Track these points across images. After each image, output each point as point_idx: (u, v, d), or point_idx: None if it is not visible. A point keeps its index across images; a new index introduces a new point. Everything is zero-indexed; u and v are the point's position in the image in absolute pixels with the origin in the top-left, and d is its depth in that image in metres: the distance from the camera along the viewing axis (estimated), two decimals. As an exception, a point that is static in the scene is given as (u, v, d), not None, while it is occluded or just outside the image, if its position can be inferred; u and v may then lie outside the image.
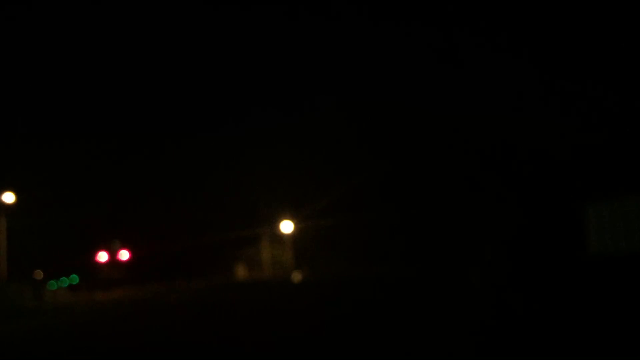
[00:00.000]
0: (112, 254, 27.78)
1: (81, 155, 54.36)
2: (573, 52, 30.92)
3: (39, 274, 45.27)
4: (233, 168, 51.15)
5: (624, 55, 28.40)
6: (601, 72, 29.06)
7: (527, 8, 34.39)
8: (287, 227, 47.58)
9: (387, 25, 49.97)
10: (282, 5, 60.51)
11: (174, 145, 56.39)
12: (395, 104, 39.51)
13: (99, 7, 65.19)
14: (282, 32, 62.98)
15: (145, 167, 55.32)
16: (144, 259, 29.42)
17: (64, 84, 71.74)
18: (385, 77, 47.70)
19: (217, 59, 67.98)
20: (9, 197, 33.73)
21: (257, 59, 65.41)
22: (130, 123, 67.56)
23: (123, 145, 57.57)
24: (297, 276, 38.29)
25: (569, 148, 28.29)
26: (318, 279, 33.86)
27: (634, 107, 26.92)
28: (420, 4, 43.99)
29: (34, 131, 57.89)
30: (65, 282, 33.97)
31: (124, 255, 27.40)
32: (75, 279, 30.48)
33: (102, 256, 27.75)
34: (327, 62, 60.62)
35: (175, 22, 65.71)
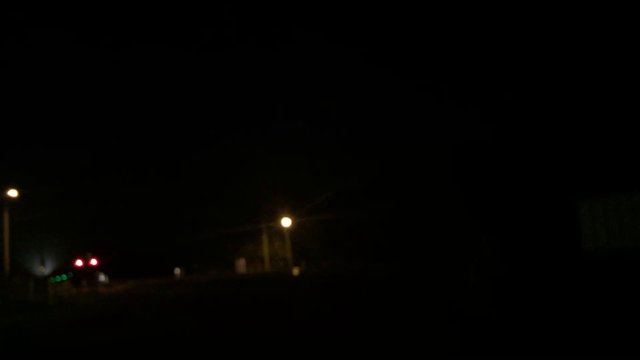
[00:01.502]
0: (86, 261, 40.01)
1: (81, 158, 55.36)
2: (574, 52, 31.10)
3: (42, 269, 45.95)
4: (235, 167, 51.58)
5: (621, 58, 28.57)
6: (601, 73, 29.21)
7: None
8: (286, 222, 47.85)
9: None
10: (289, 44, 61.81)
11: (178, 149, 57.16)
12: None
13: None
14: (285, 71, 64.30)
15: (147, 169, 55.98)
16: (106, 263, 42.76)
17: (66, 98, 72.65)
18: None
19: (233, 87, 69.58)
20: (12, 193, 34.07)
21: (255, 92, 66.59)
22: (131, 128, 68.32)
23: (122, 145, 58.22)
24: (295, 271, 38.50)
25: (564, 145, 28.46)
26: (315, 273, 33.98)
27: (628, 106, 27.10)
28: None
29: (38, 135, 58.59)
30: (58, 279, 39.63)
31: (93, 261, 39.83)
32: (64, 277, 39.39)
33: (79, 262, 40.07)
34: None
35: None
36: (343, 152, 42.55)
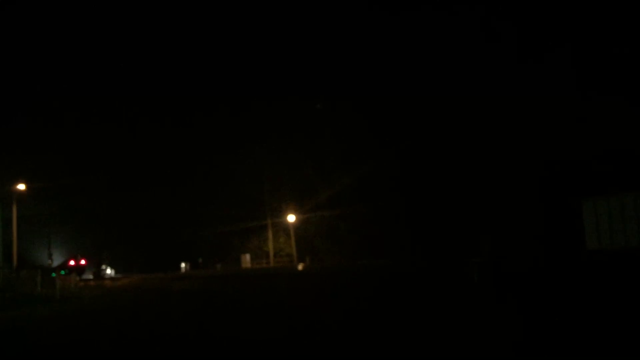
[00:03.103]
0: (77, 261, 49.97)
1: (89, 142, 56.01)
2: (579, 56, 30.94)
3: (50, 262, 46.66)
4: (238, 161, 51.66)
5: (625, 58, 28.47)
6: (601, 71, 29.13)
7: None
8: (291, 218, 48.04)
9: (381, 18, 49.74)
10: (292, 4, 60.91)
11: (179, 142, 57.37)
12: (395, 97, 39.48)
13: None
14: (289, 28, 63.20)
15: (152, 162, 56.26)
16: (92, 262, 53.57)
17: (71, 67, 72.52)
18: (384, 70, 47.78)
19: (228, 52, 68.39)
20: (20, 186, 34.45)
21: (261, 54, 65.64)
22: (139, 111, 68.23)
23: (129, 135, 58.52)
24: (300, 267, 38.71)
25: (568, 144, 28.42)
26: (320, 269, 34.11)
27: (632, 105, 27.04)
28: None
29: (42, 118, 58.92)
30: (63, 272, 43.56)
31: (82, 261, 50.25)
32: (62, 272, 44.54)
33: (71, 262, 49.93)
34: (327, 60, 61.05)
35: (188, 17, 66.22)
36: (344, 149, 42.43)
